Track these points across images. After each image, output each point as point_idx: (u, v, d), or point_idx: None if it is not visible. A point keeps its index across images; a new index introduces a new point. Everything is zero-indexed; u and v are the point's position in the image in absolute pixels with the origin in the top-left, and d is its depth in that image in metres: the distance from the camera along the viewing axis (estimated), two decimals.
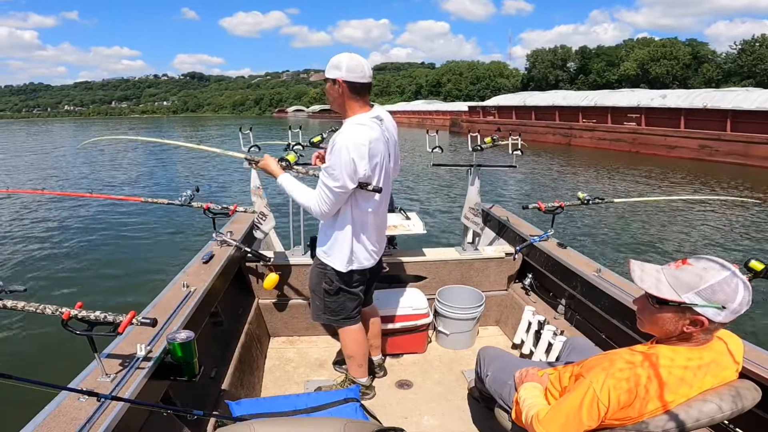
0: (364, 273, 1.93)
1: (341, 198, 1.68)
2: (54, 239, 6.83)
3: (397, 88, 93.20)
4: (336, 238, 1.82)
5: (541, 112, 25.49)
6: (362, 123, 1.66)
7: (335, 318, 1.99)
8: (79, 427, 1.08)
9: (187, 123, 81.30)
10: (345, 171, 1.61)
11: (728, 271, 1.03)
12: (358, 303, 1.99)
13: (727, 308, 1.02)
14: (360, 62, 1.65)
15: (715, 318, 1.04)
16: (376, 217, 1.83)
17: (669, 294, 1.06)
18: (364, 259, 1.87)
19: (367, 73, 1.66)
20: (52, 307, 1.23)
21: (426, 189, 11.04)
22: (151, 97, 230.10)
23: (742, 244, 6.80)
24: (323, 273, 1.91)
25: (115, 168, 14.90)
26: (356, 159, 1.61)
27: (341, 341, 2.09)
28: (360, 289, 1.97)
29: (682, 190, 11.11)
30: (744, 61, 41.00)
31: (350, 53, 1.66)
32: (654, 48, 47.61)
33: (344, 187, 1.64)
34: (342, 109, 1.72)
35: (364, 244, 1.85)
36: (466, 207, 2.74)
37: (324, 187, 1.66)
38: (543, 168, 15.01)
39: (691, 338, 1.09)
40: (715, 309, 1.02)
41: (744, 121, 15.26)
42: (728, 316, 1.03)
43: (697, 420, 1.06)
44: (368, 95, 1.72)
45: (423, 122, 41.37)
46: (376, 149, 1.66)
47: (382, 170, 1.73)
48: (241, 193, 9.70)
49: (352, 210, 1.76)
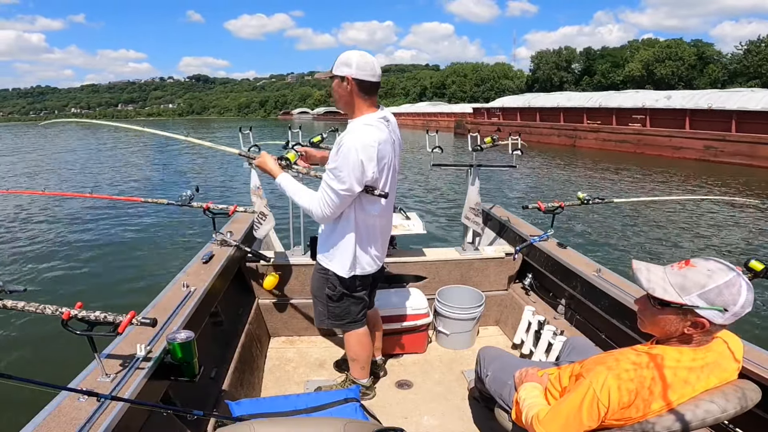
0: (367, 277, 1.88)
1: (346, 201, 1.63)
2: (54, 239, 6.87)
3: (402, 90, 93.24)
4: (338, 243, 1.76)
5: (546, 113, 25.41)
6: (370, 124, 1.61)
7: (340, 322, 1.95)
8: (79, 427, 1.08)
9: (192, 125, 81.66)
10: (353, 173, 1.54)
11: (732, 274, 1.02)
12: (363, 306, 1.95)
13: (729, 311, 1.01)
14: (370, 60, 1.60)
15: (716, 320, 1.03)
16: (381, 222, 1.78)
17: (672, 296, 1.06)
18: (367, 264, 1.82)
19: (377, 72, 1.61)
20: (51, 307, 1.23)
21: (426, 189, 11.04)
22: (157, 99, 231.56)
23: (742, 244, 6.76)
24: (325, 278, 1.86)
25: (115, 168, 14.99)
26: (365, 161, 1.54)
27: (346, 344, 2.06)
28: (364, 293, 1.92)
29: (686, 191, 11.04)
30: (750, 61, 40.67)
31: (360, 51, 1.61)
32: (659, 49, 47.36)
33: (350, 191, 1.58)
34: (349, 108, 1.66)
35: (368, 250, 1.80)
36: (466, 207, 2.74)
37: (328, 189, 1.60)
38: (544, 169, 14.96)
39: (692, 339, 1.09)
40: (717, 312, 1.02)
41: (749, 122, 15.15)
42: (730, 319, 1.03)
43: (702, 420, 1.06)
44: (377, 96, 1.66)
45: (428, 124, 41.31)
46: (384, 151, 1.61)
47: (389, 173, 1.68)
48: (241, 193, 9.74)
49: (356, 214, 1.70)
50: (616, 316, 2.01)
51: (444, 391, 2.25)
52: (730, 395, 1.08)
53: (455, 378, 2.36)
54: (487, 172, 2.87)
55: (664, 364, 1.08)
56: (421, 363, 2.49)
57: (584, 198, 2.69)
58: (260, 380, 2.32)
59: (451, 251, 2.82)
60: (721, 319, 1.03)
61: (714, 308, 1.02)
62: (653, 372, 1.07)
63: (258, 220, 2.56)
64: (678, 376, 1.07)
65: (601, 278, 2.18)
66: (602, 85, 48.22)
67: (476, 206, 2.72)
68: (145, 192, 10.81)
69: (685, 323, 1.07)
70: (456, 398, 2.18)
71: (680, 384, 1.07)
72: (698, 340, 1.09)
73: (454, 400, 2.16)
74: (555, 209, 2.64)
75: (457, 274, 2.74)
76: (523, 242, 2.76)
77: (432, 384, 2.31)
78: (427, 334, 2.61)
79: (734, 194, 10.22)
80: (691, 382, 1.08)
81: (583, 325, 2.29)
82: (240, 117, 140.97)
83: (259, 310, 2.61)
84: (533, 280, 2.73)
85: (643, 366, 1.08)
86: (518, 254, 2.73)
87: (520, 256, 2.75)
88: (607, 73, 51.46)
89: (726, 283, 1.01)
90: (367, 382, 2.13)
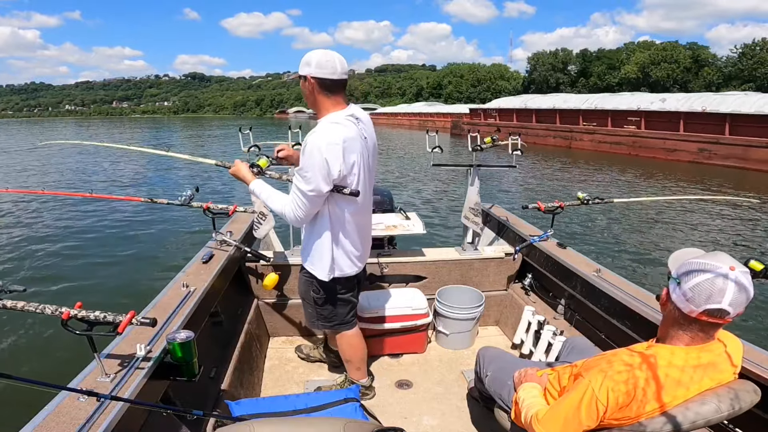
0: (350, 279, 1.86)
1: (316, 202, 1.61)
2: (54, 239, 6.83)
3: (398, 90, 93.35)
4: (316, 246, 1.75)
5: (542, 114, 25.51)
6: (336, 122, 1.58)
7: (329, 324, 1.96)
8: (79, 427, 1.08)
9: (187, 123, 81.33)
10: (319, 173, 1.52)
11: (720, 264, 1.02)
12: (351, 308, 1.95)
13: (681, 286, 1.04)
14: (332, 58, 1.57)
15: (672, 294, 1.07)
16: (357, 220, 1.74)
17: (671, 267, 1.12)
18: (347, 266, 1.79)
19: (338, 69, 1.58)
20: (51, 307, 1.22)
21: (426, 189, 11.05)
22: (152, 97, 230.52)
23: (741, 243, 6.81)
24: (310, 282, 1.85)
25: (115, 168, 14.91)
26: (329, 160, 1.52)
27: (338, 346, 2.07)
28: (350, 295, 1.91)
29: (680, 192, 11.12)
30: (744, 64, 41.08)
31: (325, 50, 1.59)
32: (655, 51, 47.74)
33: (318, 191, 1.55)
34: (315, 107, 1.66)
35: (346, 251, 1.77)
36: (465, 207, 2.74)
37: (297, 192, 1.58)
38: (543, 169, 15.02)
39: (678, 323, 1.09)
40: (674, 283, 1.07)
41: (743, 125, 15.28)
42: (681, 300, 1.05)
43: (693, 421, 1.06)
44: (343, 93, 1.64)
45: (424, 124, 41.36)
46: (351, 148, 1.58)
47: (361, 170, 1.64)
48: (240, 193, 9.72)
49: (331, 215, 1.68)
50: (616, 316, 2.01)
51: (443, 391, 2.25)
52: (723, 397, 1.08)
53: (455, 378, 2.36)
54: (486, 172, 2.87)
55: (657, 363, 1.08)
56: (420, 363, 2.49)
57: (584, 198, 2.70)
58: (260, 380, 2.31)
59: (451, 251, 2.82)
60: (675, 295, 1.07)
61: (674, 279, 1.07)
62: (646, 372, 1.07)
63: (258, 220, 2.55)
64: (670, 377, 1.07)
65: (600, 278, 2.18)
66: (598, 87, 48.52)
67: (476, 206, 2.72)
68: (145, 192, 10.76)
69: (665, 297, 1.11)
70: (455, 398, 2.18)
71: (672, 384, 1.07)
72: (695, 337, 1.08)
73: (454, 400, 2.16)
74: (555, 209, 2.65)
75: (456, 274, 2.74)
76: (522, 242, 2.77)
77: (432, 384, 2.30)
78: (427, 334, 2.60)
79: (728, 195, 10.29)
80: (684, 382, 1.08)
81: (583, 325, 2.30)
82: (236, 115, 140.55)
83: (258, 310, 2.60)
84: (533, 280, 2.74)
85: (635, 367, 1.08)
86: (518, 254, 2.73)
87: (519, 256, 2.76)
88: (603, 75, 51.78)
89: (703, 263, 1.03)
90: (366, 382, 2.13)
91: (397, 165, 16.07)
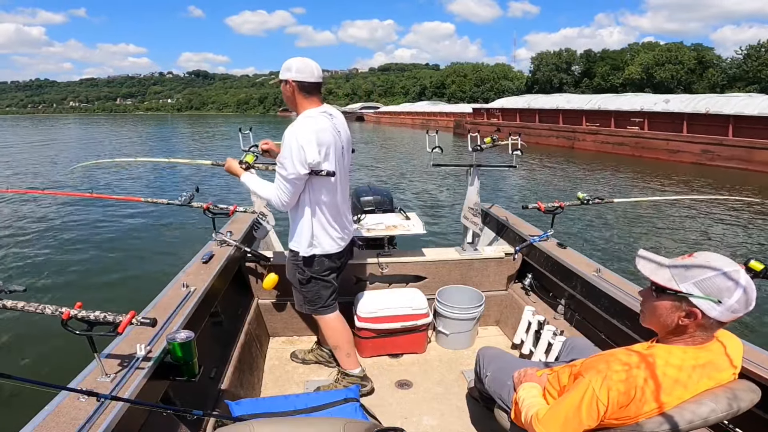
0: (331, 259, 2.00)
1: (297, 186, 1.80)
2: (54, 239, 6.82)
3: (401, 89, 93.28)
4: (298, 224, 1.93)
5: (545, 114, 25.41)
6: (310, 116, 1.80)
7: (313, 307, 2.08)
8: (79, 427, 1.08)
9: (191, 121, 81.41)
10: (296, 158, 1.72)
11: (731, 267, 1.02)
12: (332, 291, 2.08)
13: (724, 304, 1.01)
14: (309, 64, 1.81)
15: (709, 312, 1.03)
16: (333, 199, 1.91)
17: (670, 283, 1.07)
18: (327, 244, 1.95)
19: (315, 74, 1.81)
20: (51, 307, 1.23)
21: (426, 189, 11.02)
22: (156, 94, 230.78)
23: (742, 243, 6.78)
24: (295, 263, 2.01)
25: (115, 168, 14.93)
26: (305, 145, 1.71)
27: (323, 333, 2.17)
28: (332, 277, 2.06)
29: (682, 193, 11.08)
30: (749, 66, 40.86)
31: (302, 57, 1.83)
32: (659, 52, 47.54)
33: (296, 173, 1.74)
34: (294, 106, 1.87)
35: (325, 228, 1.93)
36: (465, 207, 2.74)
37: (280, 178, 1.79)
38: (544, 169, 14.98)
39: (686, 332, 1.08)
40: (711, 302, 1.02)
41: (746, 127, 15.17)
42: (726, 315, 1.02)
43: (690, 422, 1.05)
44: (319, 94, 1.86)
45: (427, 123, 41.26)
46: (323, 137, 1.77)
47: (333, 156, 1.81)
48: (240, 193, 9.71)
49: (310, 196, 1.87)
50: (616, 316, 2.01)
51: (443, 391, 2.25)
52: (721, 397, 1.08)
53: (455, 378, 2.36)
54: (486, 172, 2.86)
55: (655, 363, 1.07)
56: (420, 363, 2.49)
57: (584, 198, 2.69)
58: (260, 380, 2.31)
59: (451, 251, 2.82)
60: (715, 312, 1.02)
61: (707, 298, 1.01)
62: (644, 372, 1.07)
63: (258, 220, 2.56)
64: (668, 376, 1.07)
65: (600, 278, 2.18)
66: (602, 87, 48.40)
67: (475, 206, 2.72)
68: (146, 192, 10.75)
69: (680, 313, 1.06)
70: (455, 398, 2.18)
71: (670, 384, 1.07)
72: (695, 336, 1.08)
73: (454, 400, 2.16)
74: (555, 209, 2.64)
75: (456, 274, 2.74)
76: (522, 242, 2.77)
77: (431, 384, 2.31)
78: (427, 334, 2.60)
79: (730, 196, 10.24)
80: (682, 381, 1.07)
81: (583, 325, 2.30)
82: (239, 113, 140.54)
83: (258, 310, 2.61)
84: (533, 280, 2.73)
85: (633, 366, 1.08)
86: (518, 254, 2.73)
87: (519, 256, 2.75)
88: (606, 75, 51.62)
89: (723, 275, 1.01)
90: (358, 372, 2.15)
91: (398, 164, 16.06)
